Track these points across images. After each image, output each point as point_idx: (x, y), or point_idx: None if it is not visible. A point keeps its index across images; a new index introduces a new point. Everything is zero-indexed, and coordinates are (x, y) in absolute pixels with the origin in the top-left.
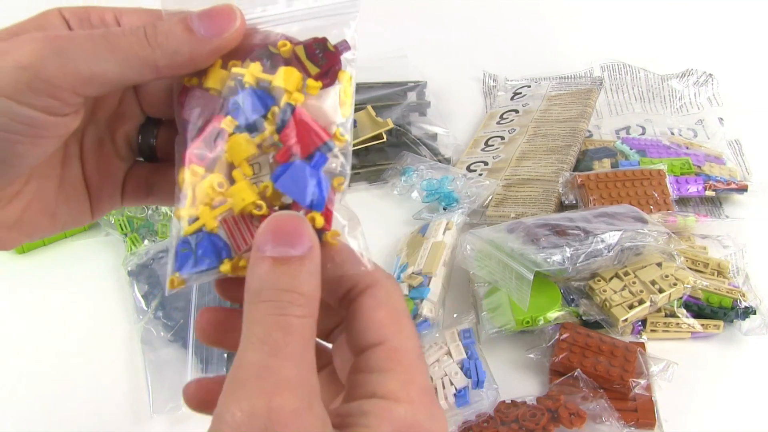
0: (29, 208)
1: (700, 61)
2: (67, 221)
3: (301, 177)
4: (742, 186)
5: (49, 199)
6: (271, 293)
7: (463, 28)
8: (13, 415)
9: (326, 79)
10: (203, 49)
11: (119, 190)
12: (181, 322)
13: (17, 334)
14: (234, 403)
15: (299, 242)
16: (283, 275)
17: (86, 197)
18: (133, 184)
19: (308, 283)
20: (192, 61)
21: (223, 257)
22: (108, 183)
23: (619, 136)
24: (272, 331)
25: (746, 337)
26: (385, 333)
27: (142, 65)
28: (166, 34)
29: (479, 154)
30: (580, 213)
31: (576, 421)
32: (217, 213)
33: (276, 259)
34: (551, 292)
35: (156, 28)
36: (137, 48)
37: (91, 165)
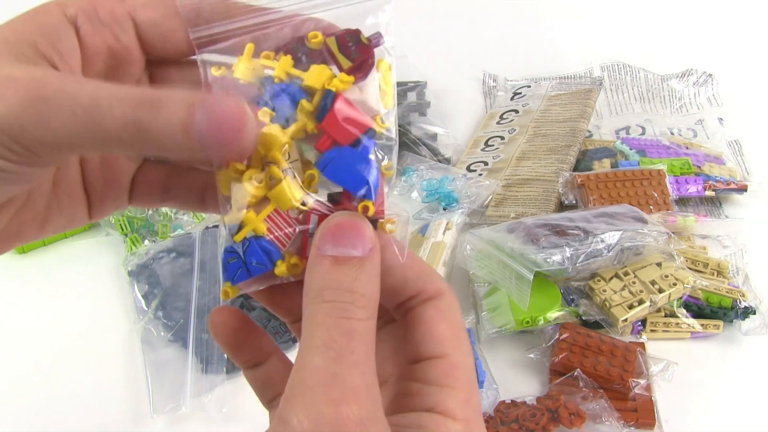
0: (15, 220)
1: (700, 61)
2: (58, 227)
3: (351, 164)
4: (742, 186)
5: (38, 209)
6: (333, 293)
7: (463, 28)
8: (13, 414)
9: (359, 73)
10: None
11: (126, 192)
12: (181, 322)
13: (17, 333)
14: (302, 408)
15: (360, 243)
16: (345, 276)
17: (83, 201)
18: (145, 186)
19: (370, 284)
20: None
21: (275, 260)
22: (113, 185)
23: (619, 136)
24: (336, 336)
25: (746, 337)
26: (446, 347)
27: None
28: (161, 131)
29: (479, 154)
30: (580, 213)
31: (576, 421)
32: (263, 215)
33: (337, 258)
34: (551, 292)
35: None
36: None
37: (94, 168)
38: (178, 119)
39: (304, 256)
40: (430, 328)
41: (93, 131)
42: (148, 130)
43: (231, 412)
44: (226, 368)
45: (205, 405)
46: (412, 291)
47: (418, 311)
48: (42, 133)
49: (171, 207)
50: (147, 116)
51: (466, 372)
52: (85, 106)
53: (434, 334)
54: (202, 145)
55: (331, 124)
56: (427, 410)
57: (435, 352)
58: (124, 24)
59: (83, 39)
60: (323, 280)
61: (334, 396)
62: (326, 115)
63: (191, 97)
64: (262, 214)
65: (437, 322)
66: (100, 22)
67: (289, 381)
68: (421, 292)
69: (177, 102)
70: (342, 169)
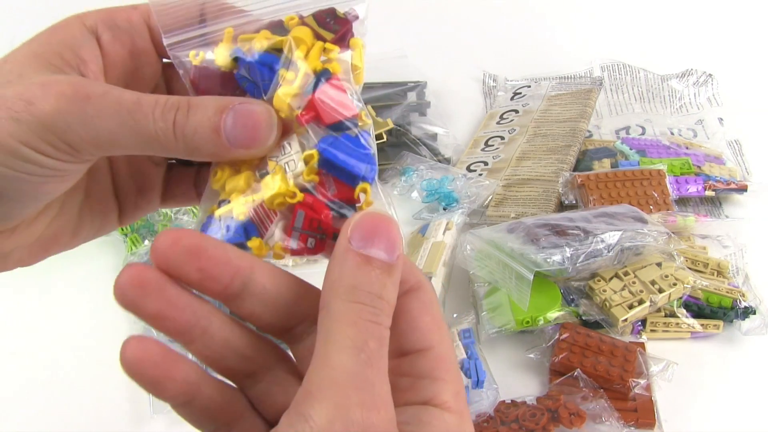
0: (50, 227)
1: (700, 61)
2: (90, 234)
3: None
4: (742, 186)
5: (71, 215)
6: (366, 296)
7: (463, 28)
8: (13, 415)
9: (342, 44)
10: (225, 155)
11: (158, 195)
12: None
13: (17, 334)
14: (329, 407)
15: (392, 248)
16: (377, 280)
17: (114, 207)
18: (179, 186)
19: (394, 292)
20: (210, 158)
21: (251, 235)
22: (144, 190)
23: (619, 136)
24: (369, 339)
25: (746, 337)
26: (432, 339)
27: (161, 149)
28: (194, 130)
29: (479, 154)
30: (580, 213)
31: (576, 421)
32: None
33: (369, 259)
34: (551, 292)
35: (188, 118)
36: (161, 136)
37: (124, 174)
38: (209, 121)
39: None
40: (415, 319)
41: (133, 131)
42: (182, 131)
43: None
44: None
45: None
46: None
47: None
48: (84, 130)
49: None
50: (182, 118)
51: (453, 364)
52: (129, 106)
53: (419, 326)
54: (230, 144)
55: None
56: (423, 404)
57: (421, 344)
58: (140, 29)
59: (104, 47)
60: (355, 278)
61: (366, 401)
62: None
63: (222, 102)
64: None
65: (421, 314)
66: (119, 28)
67: (311, 375)
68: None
69: (209, 106)
70: (342, 150)
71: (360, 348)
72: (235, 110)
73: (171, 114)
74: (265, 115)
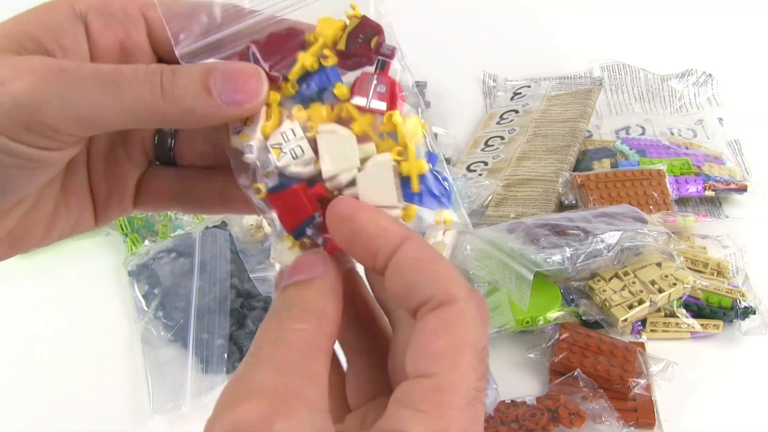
0: (23, 221)
1: (699, 62)
2: (64, 231)
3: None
4: (742, 186)
5: (46, 210)
6: (272, 313)
7: (463, 28)
8: (13, 414)
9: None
10: (218, 114)
11: (130, 197)
12: (181, 322)
13: (17, 334)
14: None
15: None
16: (289, 296)
17: (90, 205)
18: (152, 190)
19: (314, 301)
20: (203, 121)
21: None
22: (118, 190)
23: (618, 136)
24: (262, 344)
25: (746, 337)
26: (438, 366)
27: (150, 117)
28: (184, 90)
29: (479, 154)
30: (580, 213)
31: (576, 421)
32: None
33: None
34: (551, 292)
35: (174, 79)
36: (149, 99)
37: (99, 172)
38: (198, 80)
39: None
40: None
41: (117, 99)
42: (171, 91)
43: None
44: (226, 368)
45: (205, 405)
46: (421, 297)
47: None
48: (63, 105)
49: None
50: (169, 80)
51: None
52: (109, 74)
53: (428, 350)
54: (223, 102)
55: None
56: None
57: (424, 370)
58: (136, 21)
59: (93, 35)
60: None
61: (237, 396)
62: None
63: (206, 65)
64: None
65: (436, 336)
66: (112, 17)
67: None
68: (430, 298)
69: (194, 68)
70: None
71: (251, 353)
72: (220, 69)
73: (156, 77)
74: (252, 69)
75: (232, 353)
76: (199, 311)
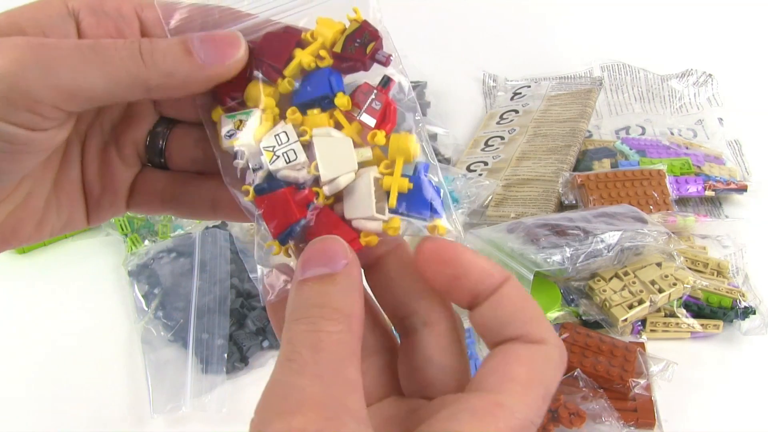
0: (13, 216)
1: (699, 62)
2: (55, 229)
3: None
4: (742, 186)
5: (37, 205)
6: (302, 311)
7: (463, 28)
8: (13, 414)
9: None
10: (200, 74)
11: (123, 198)
12: (181, 322)
13: (17, 334)
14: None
15: (335, 260)
16: (317, 293)
17: (82, 204)
18: (145, 192)
19: (343, 298)
20: (186, 84)
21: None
22: (110, 190)
23: (618, 136)
24: (301, 348)
25: (746, 337)
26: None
27: (133, 83)
28: (164, 53)
29: (479, 154)
30: (580, 213)
31: (576, 420)
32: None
33: (311, 279)
34: (551, 292)
35: (153, 45)
36: (129, 64)
37: (93, 170)
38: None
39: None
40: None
41: (98, 67)
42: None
43: (231, 412)
44: (226, 368)
45: (205, 405)
46: (515, 333)
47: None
48: (46, 78)
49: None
50: (147, 45)
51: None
52: (89, 45)
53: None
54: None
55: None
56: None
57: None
58: (129, 19)
59: (84, 31)
60: (294, 302)
61: (287, 408)
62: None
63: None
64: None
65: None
66: (105, 15)
67: None
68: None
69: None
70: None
71: (290, 359)
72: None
73: (135, 45)
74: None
75: (232, 353)
76: (199, 311)
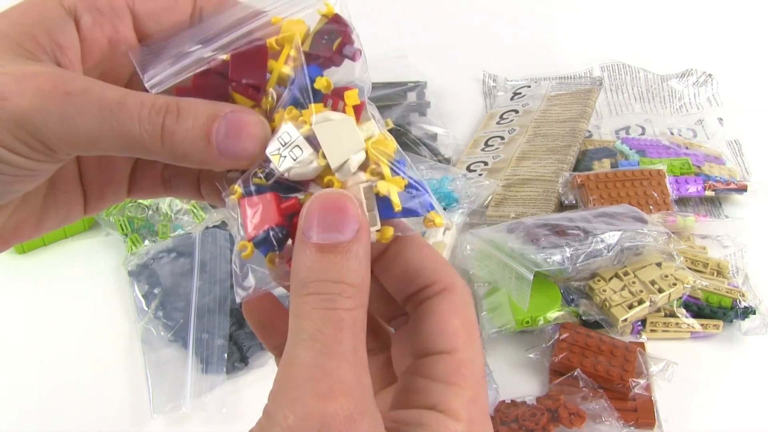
0: (12, 218)
1: (699, 61)
2: (53, 224)
3: None
4: (742, 186)
5: (35, 206)
6: (318, 285)
7: (463, 28)
8: (13, 414)
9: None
10: (213, 163)
11: (125, 185)
12: (181, 322)
13: (17, 333)
14: (287, 404)
15: (347, 225)
16: (332, 265)
17: (79, 197)
18: (147, 178)
19: (358, 271)
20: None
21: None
22: (111, 180)
23: (618, 136)
24: (323, 327)
25: (746, 337)
26: (457, 342)
27: (144, 152)
28: (183, 137)
29: (479, 154)
30: (580, 213)
31: (576, 420)
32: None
33: (322, 246)
34: (551, 292)
35: (177, 123)
36: (146, 140)
37: (92, 163)
38: (201, 128)
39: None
40: (442, 321)
41: (116, 132)
42: (171, 136)
43: (231, 412)
44: (226, 368)
45: (205, 405)
46: (426, 281)
47: (431, 303)
48: (62, 129)
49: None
50: (171, 123)
51: (475, 370)
52: (112, 106)
53: (445, 328)
54: (220, 153)
55: None
56: (429, 408)
57: (444, 347)
58: (122, 15)
59: (83, 32)
60: (308, 271)
61: (322, 390)
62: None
63: (213, 108)
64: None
65: (450, 316)
66: (99, 12)
67: (276, 376)
68: (434, 282)
69: (200, 113)
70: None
71: (314, 338)
72: (227, 119)
73: (159, 118)
74: (259, 127)
75: (232, 353)
76: (199, 311)
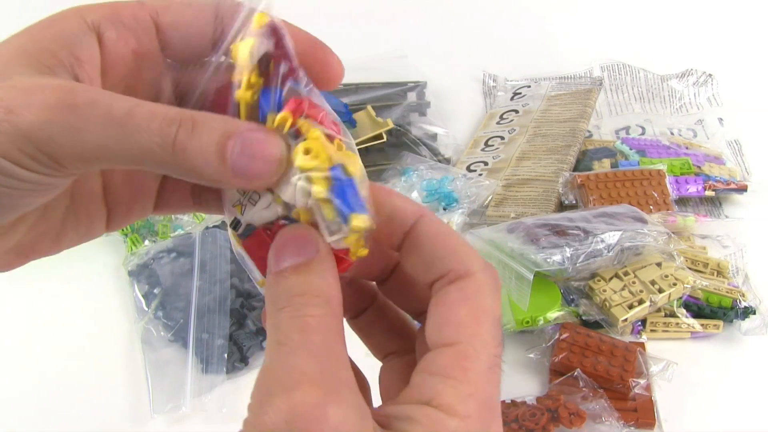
0: (30, 233)
1: (699, 61)
2: (73, 241)
3: None
4: (742, 186)
5: (54, 222)
6: (285, 300)
7: (463, 28)
8: (13, 414)
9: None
10: (225, 182)
11: (151, 202)
12: (181, 322)
13: (17, 334)
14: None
15: (304, 250)
16: (298, 283)
17: (103, 214)
18: (176, 192)
19: (321, 284)
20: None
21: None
22: (139, 195)
23: (618, 136)
24: (291, 333)
25: (746, 337)
26: (461, 334)
27: (153, 165)
28: (197, 152)
29: (479, 154)
30: (580, 213)
31: (576, 420)
32: None
33: (286, 270)
34: (551, 292)
35: (191, 137)
36: (157, 152)
37: (118, 180)
38: (216, 144)
39: None
40: (448, 312)
41: (126, 145)
42: (183, 150)
43: (231, 412)
44: (226, 368)
45: (205, 405)
46: (439, 271)
47: (442, 294)
48: (71, 143)
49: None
50: (185, 137)
51: (478, 362)
52: (120, 117)
53: (450, 320)
54: (234, 173)
55: None
56: (424, 403)
57: (447, 339)
58: (147, 28)
59: (107, 45)
60: (275, 292)
61: (284, 385)
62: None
63: (230, 125)
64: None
65: (457, 306)
66: (123, 26)
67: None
68: (450, 271)
69: (216, 128)
70: None
71: (281, 343)
72: (244, 138)
73: (172, 129)
74: (276, 147)
75: (232, 353)
76: (199, 311)
